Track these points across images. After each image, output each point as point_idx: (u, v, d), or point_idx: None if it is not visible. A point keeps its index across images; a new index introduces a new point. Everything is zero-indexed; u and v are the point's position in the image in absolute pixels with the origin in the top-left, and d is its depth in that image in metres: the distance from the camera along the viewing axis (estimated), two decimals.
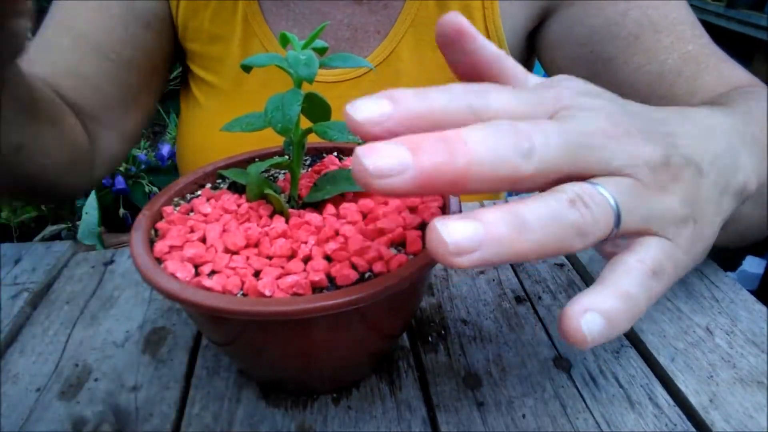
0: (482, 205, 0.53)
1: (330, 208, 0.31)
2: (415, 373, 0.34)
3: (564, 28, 0.51)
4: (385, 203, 0.32)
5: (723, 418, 0.31)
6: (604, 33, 0.49)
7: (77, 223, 1.34)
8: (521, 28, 0.54)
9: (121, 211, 1.48)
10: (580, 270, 0.44)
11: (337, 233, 0.29)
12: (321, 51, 0.31)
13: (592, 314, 0.21)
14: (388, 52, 0.54)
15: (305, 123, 0.31)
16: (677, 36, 0.48)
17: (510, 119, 0.20)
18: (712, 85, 0.46)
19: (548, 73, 0.56)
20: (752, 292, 0.40)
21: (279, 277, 0.26)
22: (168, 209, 0.32)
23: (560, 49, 0.53)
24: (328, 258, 0.28)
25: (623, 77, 0.49)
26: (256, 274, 0.27)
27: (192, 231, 0.30)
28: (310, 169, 0.37)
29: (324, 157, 0.38)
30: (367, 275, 0.27)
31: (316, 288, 0.26)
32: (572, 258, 0.45)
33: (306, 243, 0.28)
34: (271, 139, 0.34)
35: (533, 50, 0.58)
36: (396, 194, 0.18)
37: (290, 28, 0.55)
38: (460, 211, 0.31)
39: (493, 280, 0.42)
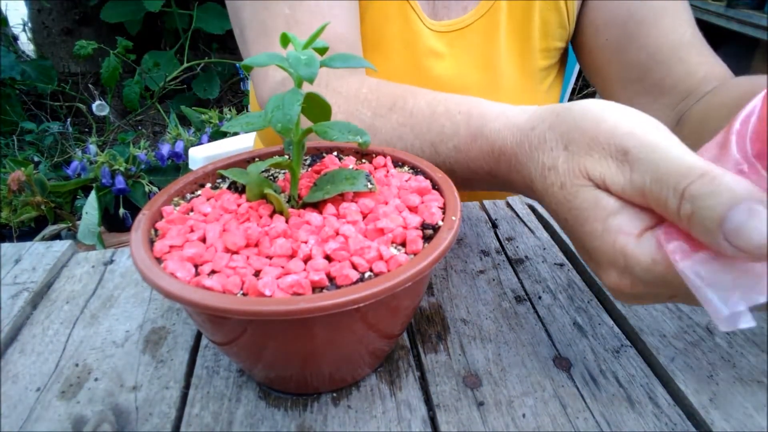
0: (482, 205, 0.53)
1: (330, 208, 0.31)
2: (415, 373, 0.34)
3: None
4: (385, 203, 0.32)
5: (723, 418, 0.31)
6: None
7: (77, 222, 1.34)
8: None
9: (121, 210, 1.49)
10: (580, 270, 0.44)
11: (337, 233, 0.29)
12: (321, 51, 0.31)
13: None
14: (490, 5, 0.61)
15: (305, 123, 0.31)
16: (689, 17, 0.59)
17: None
18: (707, 67, 0.56)
19: (584, 30, 0.65)
20: None
21: (279, 277, 0.26)
22: (168, 209, 0.32)
23: (603, 10, 0.61)
24: (328, 258, 0.28)
25: (652, 39, 0.58)
26: (256, 273, 0.27)
27: (192, 231, 0.30)
28: (310, 169, 0.37)
29: (324, 157, 0.38)
30: (367, 275, 0.27)
31: (316, 288, 0.26)
32: (572, 258, 0.45)
33: (306, 243, 0.28)
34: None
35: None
36: None
37: None
38: (461, 212, 0.31)
39: (493, 280, 0.42)
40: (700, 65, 0.57)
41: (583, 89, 2.59)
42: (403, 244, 0.29)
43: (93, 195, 1.31)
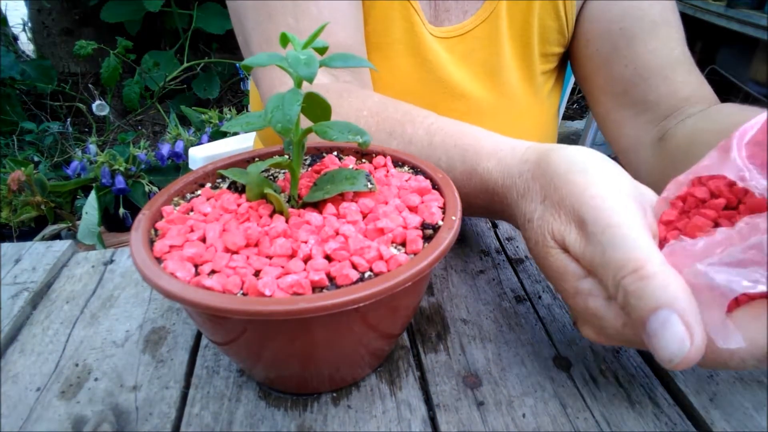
0: None
1: (330, 208, 0.31)
2: (415, 373, 0.34)
3: (602, 5, 0.62)
4: (385, 203, 0.32)
5: (723, 418, 0.31)
6: (633, 13, 0.59)
7: (77, 222, 1.34)
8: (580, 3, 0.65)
9: (121, 210, 1.48)
10: None
11: (337, 233, 0.29)
12: (321, 51, 0.31)
13: None
14: (491, 9, 0.62)
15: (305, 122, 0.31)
16: (679, 36, 0.59)
17: None
18: (692, 87, 0.57)
19: (578, 38, 0.65)
20: None
21: (279, 277, 0.26)
22: (168, 209, 0.32)
23: (596, 22, 0.62)
24: (328, 258, 0.28)
25: (640, 56, 0.58)
26: (256, 273, 0.27)
27: (192, 230, 0.30)
28: (310, 169, 0.37)
29: (324, 157, 0.38)
30: (367, 275, 0.27)
31: (316, 288, 0.26)
32: None
33: (306, 243, 0.28)
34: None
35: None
36: None
37: None
38: (461, 212, 0.31)
39: (493, 279, 0.42)
40: (685, 85, 0.57)
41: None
42: (403, 244, 0.29)
43: (93, 195, 1.31)
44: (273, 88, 0.51)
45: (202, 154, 1.02)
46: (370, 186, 0.32)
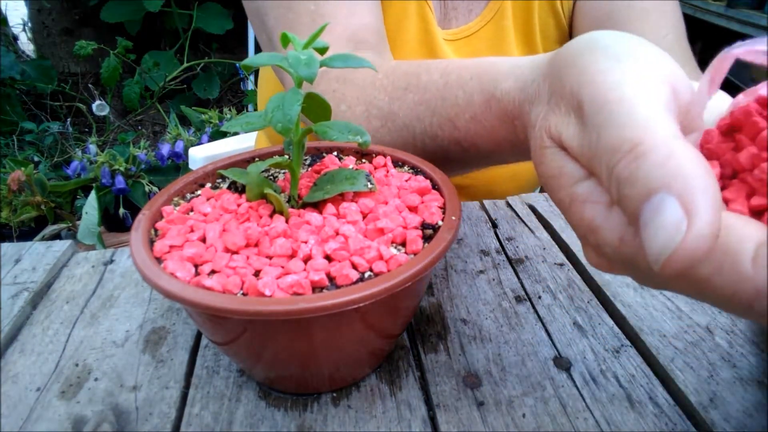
0: (482, 205, 0.53)
1: (330, 208, 0.31)
2: (415, 373, 0.34)
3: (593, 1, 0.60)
4: (385, 203, 0.32)
5: (723, 418, 0.31)
6: (623, 1, 0.57)
7: (77, 222, 1.34)
8: None
9: (121, 210, 1.48)
10: (580, 270, 0.44)
11: (337, 233, 0.29)
12: (321, 51, 0.31)
13: None
14: (496, 9, 0.61)
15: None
16: (675, 25, 0.57)
17: None
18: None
19: (573, 34, 0.65)
20: None
21: (279, 277, 0.26)
22: (168, 209, 0.32)
23: (587, 15, 0.61)
24: (328, 258, 0.28)
25: None
26: (256, 273, 0.27)
27: (192, 230, 0.30)
28: (310, 169, 0.37)
29: (324, 157, 0.38)
30: (367, 275, 0.27)
31: (316, 288, 0.26)
32: (572, 258, 0.45)
33: (306, 243, 0.28)
34: None
35: None
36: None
37: None
38: (461, 211, 0.31)
39: (493, 279, 0.42)
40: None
41: None
42: (403, 244, 0.29)
43: (93, 195, 1.31)
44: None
45: (202, 154, 1.02)
46: (370, 186, 0.32)
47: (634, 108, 0.19)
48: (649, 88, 0.20)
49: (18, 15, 2.64)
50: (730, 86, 0.24)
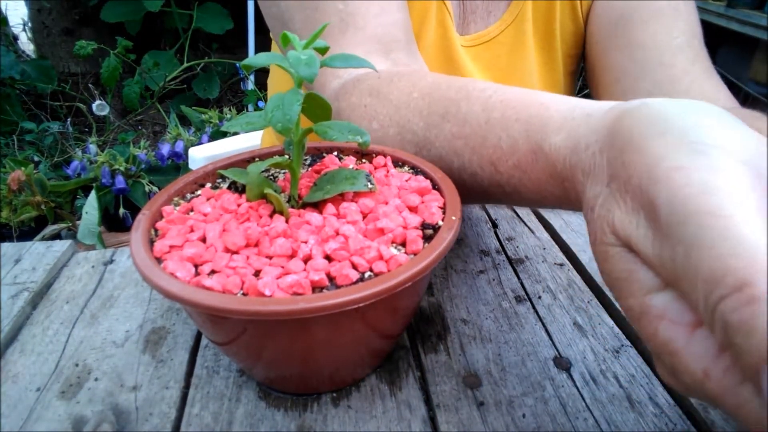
0: (482, 205, 0.53)
1: (330, 208, 0.31)
2: (415, 373, 0.34)
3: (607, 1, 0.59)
4: (385, 203, 0.32)
5: (723, 418, 0.31)
6: (636, 1, 0.56)
7: (77, 222, 1.34)
8: None
9: (121, 210, 1.48)
10: (580, 270, 0.44)
11: (337, 233, 0.29)
12: (322, 51, 0.31)
13: None
14: (517, 12, 0.60)
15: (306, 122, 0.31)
16: (688, 26, 0.55)
17: None
18: (694, 80, 0.52)
19: (586, 41, 0.63)
20: None
21: (279, 277, 0.26)
22: (168, 209, 0.32)
23: (601, 15, 0.60)
24: (328, 258, 0.28)
25: (636, 40, 0.55)
26: (256, 273, 0.27)
27: (192, 230, 0.30)
28: (310, 169, 0.37)
29: (324, 157, 0.38)
30: (367, 275, 0.27)
31: (316, 288, 0.26)
32: (572, 258, 0.45)
33: (306, 243, 0.28)
34: None
35: None
36: None
37: None
38: (461, 211, 0.31)
39: (493, 279, 0.42)
40: (686, 74, 0.52)
41: (582, 89, 2.59)
42: (403, 244, 0.29)
43: (93, 195, 1.31)
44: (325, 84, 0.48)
45: (202, 154, 1.02)
46: (370, 186, 0.32)
47: (735, 229, 0.16)
48: (743, 192, 0.17)
49: (18, 15, 2.64)
50: (731, 86, 0.24)
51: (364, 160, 0.38)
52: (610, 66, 0.58)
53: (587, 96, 0.45)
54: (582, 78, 0.68)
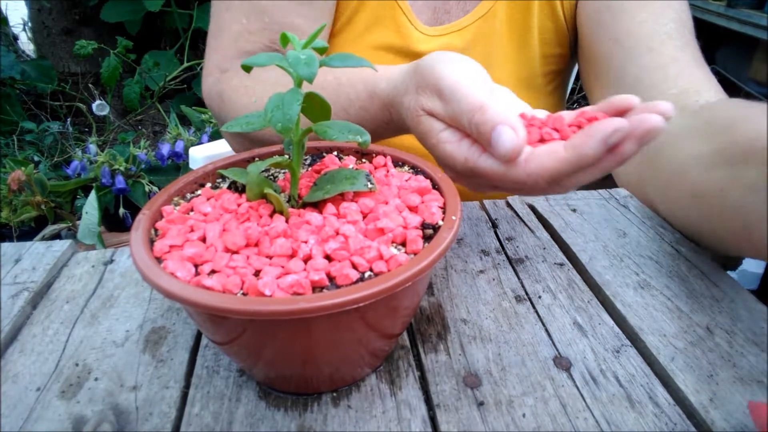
0: (482, 205, 0.53)
1: (330, 208, 0.31)
2: (415, 372, 0.34)
3: None
4: (385, 203, 0.32)
5: (723, 418, 0.31)
6: None
7: (77, 222, 1.34)
8: None
9: (121, 210, 1.48)
10: (580, 270, 0.44)
11: (337, 233, 0.29)
12: (321, 51, 0.31)
13: None
14: (488, 8, 0.63)
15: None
16: (677, 14, 0.55)
17: None
18: (683, 68, 0.52)
19: (577, 37, 0.64)
20: (752, 292, 0.40)
21: (279, 277, 0.26)
22: (168, 208, 0.32)
23: (587, 7, 0.60)
24: (328, 258, 0.28)
25: (623, 28, 0.56)
26: (256, 273, 0.27)
27: (192, 230, 0.30)
28: (310, 169, 0.37)
29: (324, 157, 0.38)
30: (367, 275, 0.27)
31: (316, 288, 0.26)
32: (572, 258, 0.45)
33: (306, 242, 0.28)
34: None
35: None
36: None
37: None
38: (461, 211, 0.31)
39: (493, 279, 0.42)
40: (675, 61, 0.51)
41: (581, 90, 2.58)
42: (403, 244, 0.29)
43: (93, 195, 1.31)
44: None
45: (202, 154, 1.02)
46: (370, 186, 0.32)
47: (473, 91, 0.35)
48: (476, 83, 0.36)
49: (18, 15, 2.64)
50: (730, 86, 0.24)
51: (364, 160, 0.38)
52: (600, 55, 0.58)
53: (583, 99, 0.48)
54: (579, 78, 0.68)
